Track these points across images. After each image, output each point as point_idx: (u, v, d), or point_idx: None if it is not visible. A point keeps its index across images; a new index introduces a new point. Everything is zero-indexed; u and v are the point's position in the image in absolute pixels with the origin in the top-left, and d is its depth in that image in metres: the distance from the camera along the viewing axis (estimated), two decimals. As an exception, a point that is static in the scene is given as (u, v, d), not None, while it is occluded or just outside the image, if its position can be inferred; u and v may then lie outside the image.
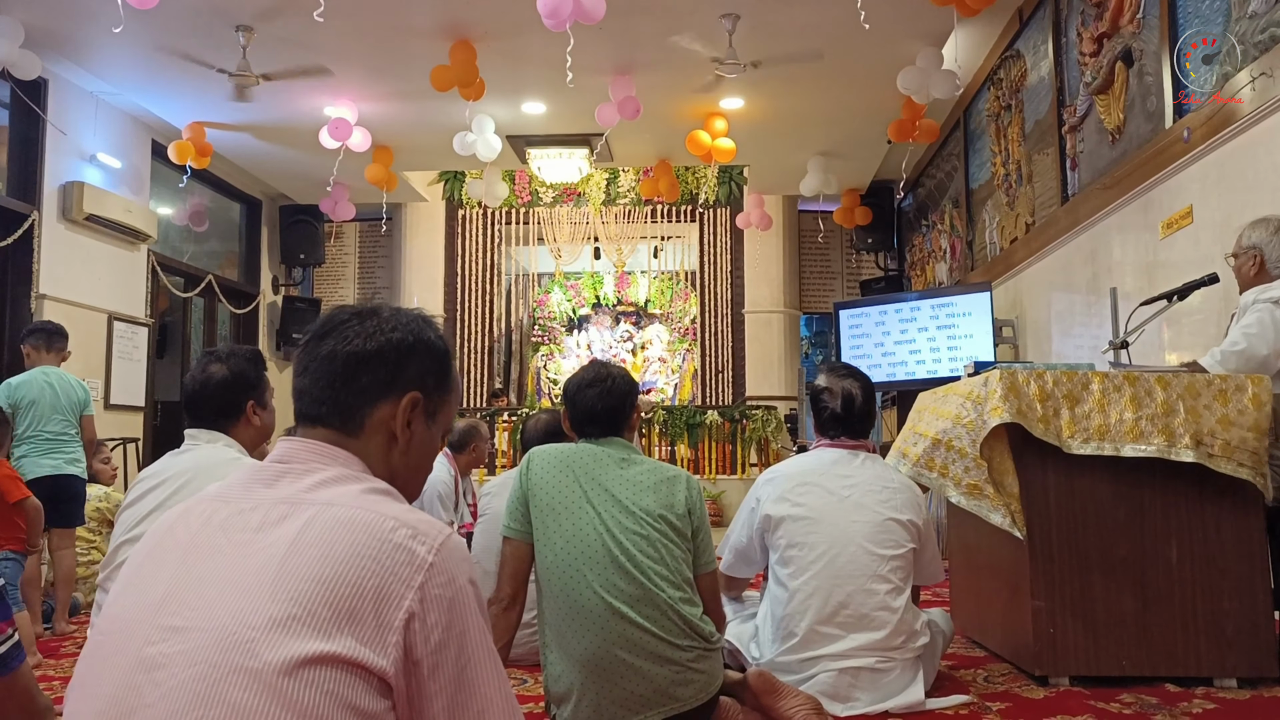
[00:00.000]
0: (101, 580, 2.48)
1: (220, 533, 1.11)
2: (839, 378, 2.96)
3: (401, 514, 1.12)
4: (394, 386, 1.25)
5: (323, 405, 1.23)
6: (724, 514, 9.68)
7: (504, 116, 8.02)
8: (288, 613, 1.01)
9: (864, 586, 2.73)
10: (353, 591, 1.03)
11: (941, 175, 9.11)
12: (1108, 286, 5.25)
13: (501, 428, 10.30)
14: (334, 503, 1.11)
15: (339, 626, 1.01)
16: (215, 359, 2.53)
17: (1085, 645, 2.99)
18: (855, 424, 2.94)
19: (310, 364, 1.25)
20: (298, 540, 1.06)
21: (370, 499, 1.14)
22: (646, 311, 13.50)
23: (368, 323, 1.26)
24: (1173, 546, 3.00)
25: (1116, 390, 2.96)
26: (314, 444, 1.20)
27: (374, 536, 1.07)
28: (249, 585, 1.04)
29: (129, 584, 1.14)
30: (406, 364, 1.26)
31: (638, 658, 2.34)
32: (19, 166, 7.03)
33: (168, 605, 1.06)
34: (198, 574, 1.08)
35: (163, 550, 1.14)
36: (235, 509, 1.13)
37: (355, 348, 1.23)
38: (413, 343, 1.27)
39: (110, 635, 1.09)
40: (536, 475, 2.49)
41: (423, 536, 1.09)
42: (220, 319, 10.02)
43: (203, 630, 1.01)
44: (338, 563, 1.04)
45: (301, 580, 1.03)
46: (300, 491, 1.14)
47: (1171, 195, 4.72)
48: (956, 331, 7.10)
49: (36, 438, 4.50)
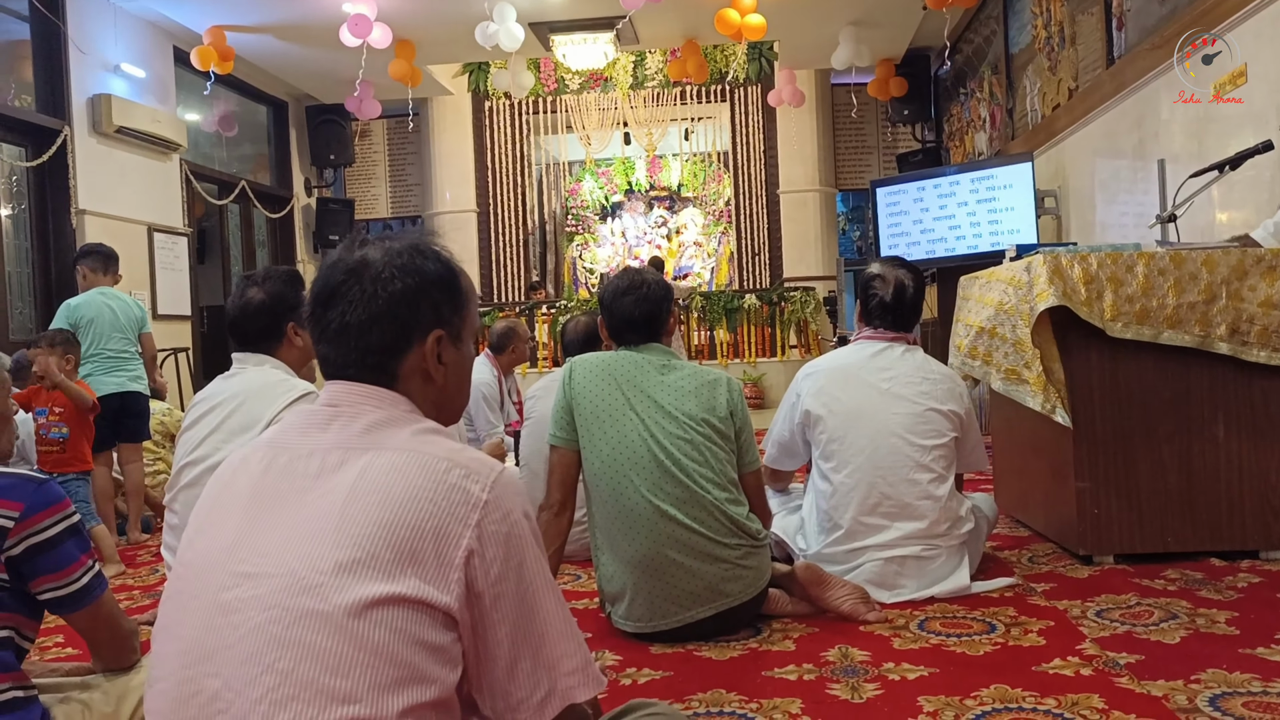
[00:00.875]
0: (168, 500, 2.57)
1: (281, 479, 1.15)
2: (892, 268, 2.94)
3: (454, 454, 1.15)
4: (414, 333, 1.24)
5: (350, 368, 1.23)
6: (764, 396, 9.76)
7: (525, 3, 7.80)
8: (352, 557, 1.05)
9: (906, 477, 2.76)
10: (413, 533, 1.07)
11: (980, 40, 8.76)
12: (1155, 153, 5.08)
13: (541, 320, 10.37)
14: (388, 447, 1.15)
15: (402, 567, 1.06)
16: (252, 283, 2.55)
17: (1129, 523, 3.01)
18: (904, 314, 2.93)
19: (324, 334, 1.24)
20: (356, 486, 1.10)
21: (422, 440, 1.17)
22: (680, 195, 13.34)
23: (365, 281, 1.22)
24: (1219, 423, 2.98)
25: (1161, 274, 2.90)
26: (360, 386, 1.22)
27: (430, 478, 1.11)
28: (314, 531, 1.08)
29: (200, 530, 1.19)
30: (418, 308, 1.24)
31: (687, 557, 2.41)
32: (46, 82, 7.00)
33: (237, 552, 1.11)
34: (264, 522, 1.12)
35: (228, 498, 1.18)
36: (293, 455, 1.17)
37: (361, 315, 1.22)
38: (416, 285, 1.24)
39: (187, 580, 1.15)
40: (579, 384, 2.52)
41: (476, 475, 1.13)
42: (256, 224, 10.07)
43: (273, 576, 1.06)
44: (396, 506, 1.08)
45: (363, 525, 1.07)
46: (354, 436, 1.17)
47: (1224, 54, 4.51)
48: (997, 204, 6.94)
49: (99, 356, 4.62)
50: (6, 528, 1.62)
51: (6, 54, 7.02)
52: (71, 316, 4.60)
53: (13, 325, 6.72)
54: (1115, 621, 2.46)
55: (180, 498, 2.49)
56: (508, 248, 11.90)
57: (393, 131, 11.69)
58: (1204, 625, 2.39)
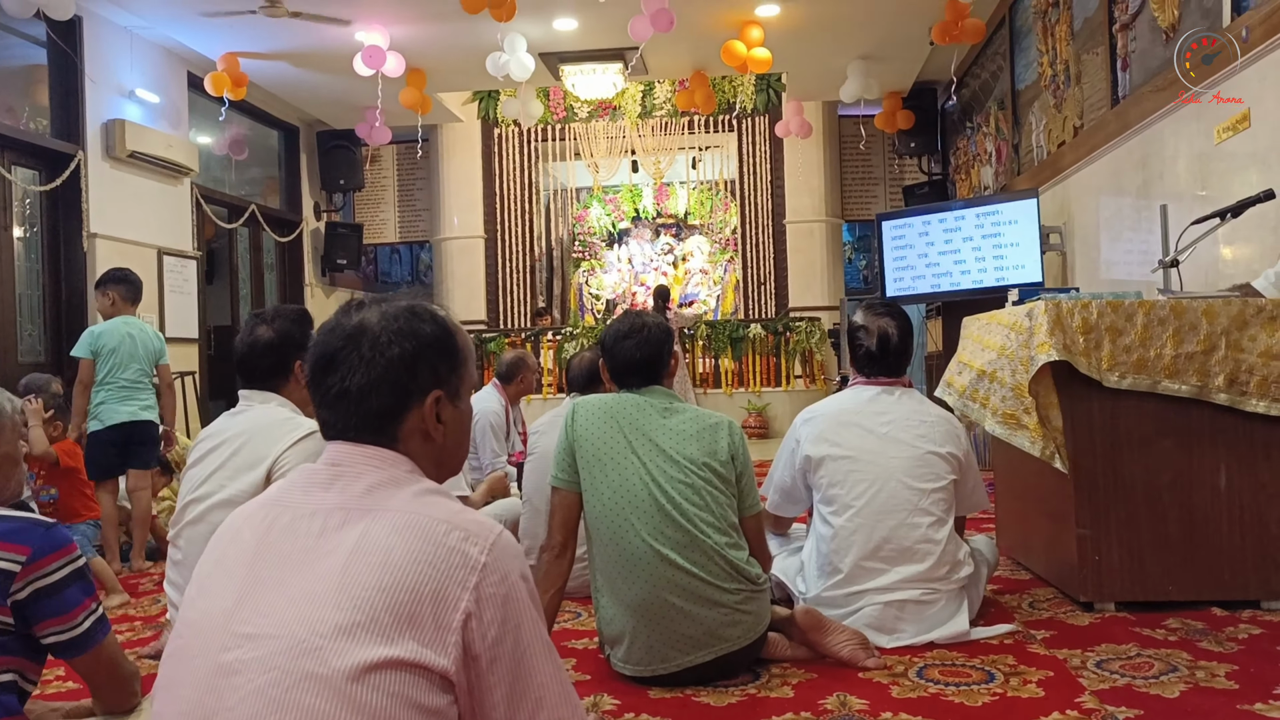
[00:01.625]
0: (172, 536, 2.59)
1: (284, 539, 1.17)
2: (876, 316, 2.96)
3: (454, 516, 1.17)
4: (413, 396, 1.27)
5: (350, 431, 1.26)
6: (769, 426, 9.76)
7: (536, 34, 7.89)
8: (352, 620, 1.07)
9: (906, 520, 2.77)
10: (412, 597, 1.09)
11: (986, 75, 8.83)
12: (1159, 193, 5.11)
13: (546, 346, 10.40)
14: (389, 508, 1.17)
15: (400, 631, 1.08)
16: (261, 321, 2.59)
17: (1130, 571, 3.02)
18: (891, 362, 2.95)
19: (324, 399, 1.28)
20: (357, 548, 1.13)
21: (422, 502, 1.19)
22: (686, 223, 13.39)
23: (363, 347, 1.25)
24: (1221, 472, 2.99)
25: (1160, 323, 2.92)
26: (362, 447, 1.25)
27: (429, 541, 1.13)
28: (315, 593, 1.10)
29: (202, 590, 1.21)
30: (416, 372, 1.27)
31: (687, 601, 2.42)
32: (61, 106, 7.08)
33: (239, 613, 1.13)
34: (265, 582, 1.14)
35: (231, 557, 1.20)
36: (296, 514, 1.19)
37: (361, 381, 1.24)
38: (413, 349, 1.27)
39: (188, 640, 1.17)
40: (582, 426, 2.54)
41: (475, 538, 1.15)
42: (265, 247, 10.13)
43: (274, 638, 1.09)
44: (396, 569, 1.10)
45: (363, 588, 1.09)
46: (355, 496, 1.19)
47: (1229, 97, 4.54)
48: (1002, 240, 6.97)
49: (114, 384, 4.66)
50: (13, 572, 1.64)
51: (23, 78, 7.11)
52: (95, 344, 4.65)
53: (22, 347, 6.76)
54: (1115, 673, 2.46)
55: (184, 534, 2.51)
56: (515, 273, 11.95)
57: (402, 157, 11.78)
58: (1204, 679, 2.38)
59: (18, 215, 6.81)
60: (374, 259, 13.00)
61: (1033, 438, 2.99)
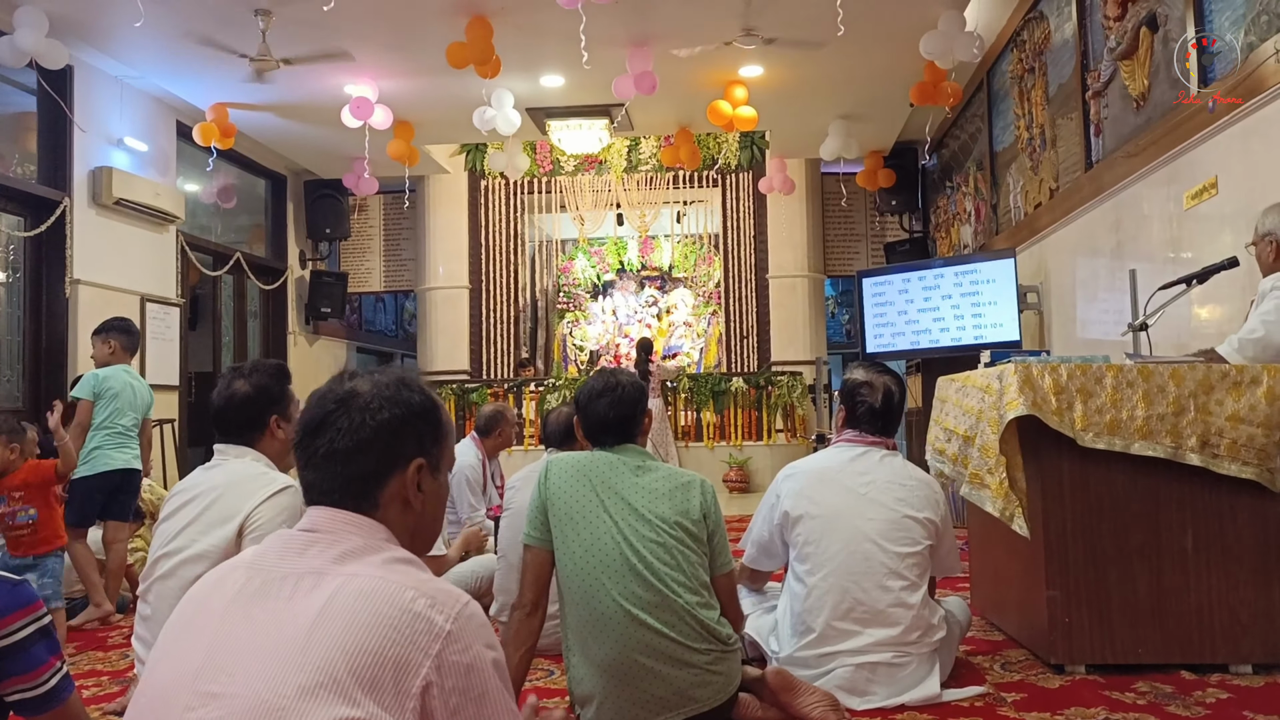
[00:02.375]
0: (142, 591, 2.58)
1: (254, 601, 1.18)
2: (878, 374, 3.00)
3: (421, 584, 1.19)
4: (396, 462, 1.31)
5: (333, 494, 1.29)
6: (750, 480, 9.76)
7: (523, 90, 8.01)
8: (315, 680, 1.08)
9: (879, 583, 2.78)
10: (374, 660, 1.10)
11: (965, 137, 9.00)
12: (1132, 255, 5.21)
13: (529, 398, 10.41)
14: (358, 574, 1.19)
15: (362, 692, 1.08)
16: (239, 375, 2.60)
17: (1101, 633, 3.03)
18: (891, 421, 2.98)
19: (310, 460, 1.31)
20: (324, 610, 1.14)
21: (392, 569, 1.21)
22: (671, 276, 13.49)
23: (353, 411, 1.30)
24: (1188, 535, 3.02)
25: (1130, 386, 2.97)
26: (341, 513, 1.28)
27: (394, 606, 1.14)
28: (280, 654, 1.11)
29: (167, 653, 1.21)
30: (402, 439, 1.31)
31: (657, 662, 2.42)
32: (49, 153, 7.12)
33: (205, 672, 1.13)
34: (233, 642, 1.15)
35: (199, 619, 1.21)
36: (267, 578, 1.21)
37: (349, 443, 1.29)
38: (401, 415, 1.32)
39: (152, 700, 1.18)
40: (555, 485, 2.55)
41: (441, 605, 1.16)
42: (250, 294, 10.15)
43: (238, 697, 1.09)
44: (360, 631, 1.11)
45: (327, 649, 1.10)
46: (328, 561, 1.21)
47: (1196, 165, 4.66)
48: (980, 298, 7.07)
49: (111, 430, 4.67)
50: (-24, 630, 1.63)
51: (12, 125, 7.15)
52: (99, 386, 4.68)
53: (0, 393, 6.73)
54: (1083, 737, 2.46)
55: (154, 589, 2.50)
56: (499, 324, 11.98)
57: (389, 206, 11.85)
58: (1170, 744, 2.39)
59: (1, 261, 6.82)
60: (358, 308, 13.03)
61: (994, 498, 3.02)
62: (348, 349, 12.38)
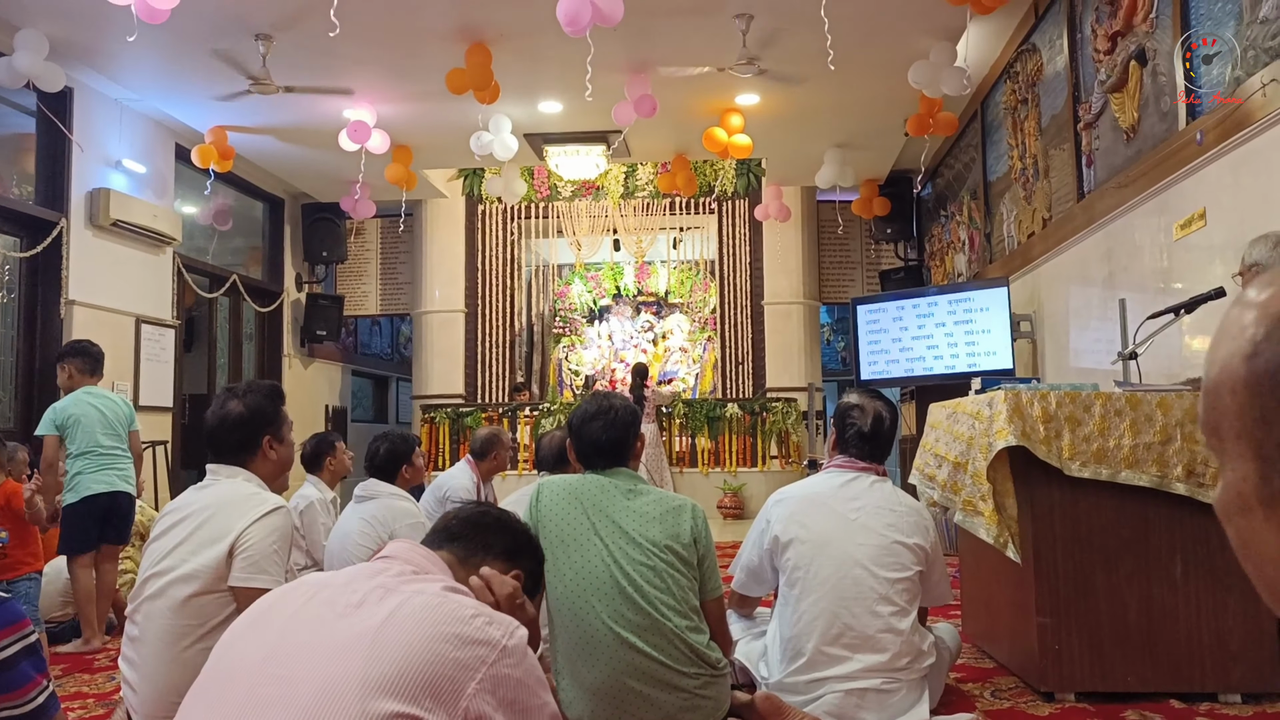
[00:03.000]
0: (130, 612, 2.56)
1: (323, 607, 1.28)
2: (871, 398, 3.01)
3: (481, 607, 1.31)
4: (513, 559, 1.56)
5: (459, 540, 1.54)
6: (744, 506, 9.76)
7: (521, 115, 8.07)
8: (380, 673, 1.16)
9: (869, 609, 2.78)
10: (433, 665, 1.19)
11: (960, 166, 9.07)
12: (1124, 285, 5.24)
13: (524, 422, 10.40)
14: (424, 591, 1.30)
15: (420, 692, 1.16)
16: (233, 395, 2.61)
17: (1090, 661, 3.03)
18: (880, 445, 2.98)
19: (463, 518, 1.59)
20: (391, 616, 1.23)
21: (454, 594, 1.33)
22: (667, 302, 13.53)
23: (514, 523, 1.65)
24: (1177, 563, 3.03)
25: (1117, 414, 2.99)
26: (425, 550, 1.44)
27: (457, 619, 1.24)
28: (346, 649, 1.20)
29: (231, 645, 1.30)
30: (522, 552, 1.59)
31: (646, 685, 2.42)
32: (47, 175, 7.16)
33: (273, 659, 1.22)
34: (301, 635, 1.24)
35: (267, 620, 1.31)
36: (335, 589, 1.31)
37: (506, 540, 1.59)
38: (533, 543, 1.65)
39: (218, 680, 1.26)
40: (546, 507, 2.56)
41: (498, 624, 1.27)
42: (245, 317, 10.17)
43: (303, 682, 1.17)
44: (423, 637, 1.21)
45: (391, 650, 1.19)
46: (395, 579, 1.32)
47: (1186, 197, 4.70)
48: (974, 327, 7.10)
49: (90, 454, 4.56)
50: (-37, 647, 1.64)
51: (11, 146, 7.19)
52: (59, 419, 4.56)
53: (-7, 413, 6.73)
54: (1072, 765, 2.46)
55: (142, 609, 2.49)
56: (494, 348, 11.99)
57: (386, 230, 11.89)
58: (1159, 772, 2.39)
59: (-4, 281, 6.84)
60: (354, 331, 13.04)
61: (988, 525, 3.03)
62: (343, 372, 12.38)
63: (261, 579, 2.36)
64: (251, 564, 2.39)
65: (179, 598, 2.41)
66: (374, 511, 3.81)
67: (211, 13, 6.16)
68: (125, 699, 2.46)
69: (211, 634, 2.34)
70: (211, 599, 2.40)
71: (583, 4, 5.40)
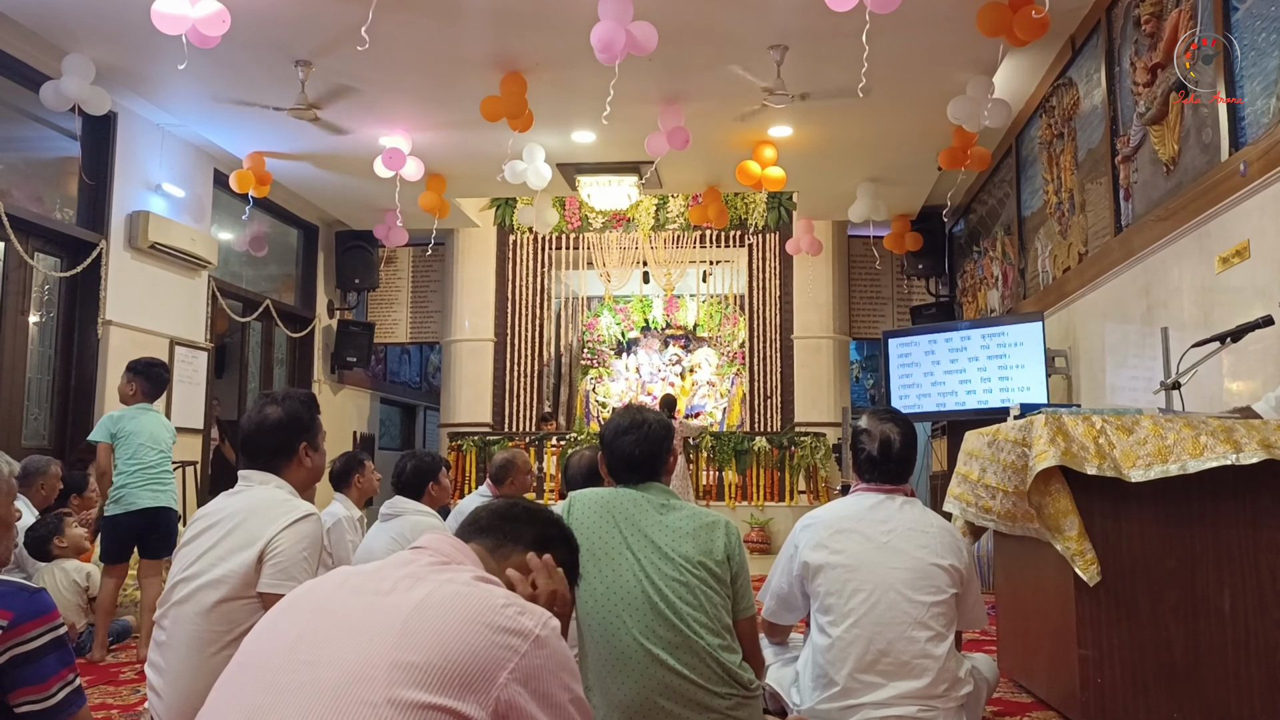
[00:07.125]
0: (158, 616, 2.55)
1: (353, 594, 1.27)
2: (879, 421, 2.95)
3: (512, 596, 1.29)
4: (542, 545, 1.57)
5: (489, 532, 1.54)
6: (771, 541, 9.65)
7: (554, 145, 8.13)
8: (408, 660, 1.15)
9: (905, 634, 2.71)
10: (465, 653, 1.17)
11: (993, 202, 9.03)
12: (1163, 320, 5.17)
13: (550, 452, 10.38)
14: (454, 580, 1.28)
15: (449, 680, 1.15)
16: (271, 400, 2.61)
17: (1134, 697, 2.94)
18: (892, 468, 2.92)
19: (492, 510, 1.59)
20: (422, 603, 1.22)
21: (485, 584, 1.32)
22: (695, 335, 13.52)
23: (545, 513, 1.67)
24: (1225, 596, 2.94)
25: (1169, 422, 2.92)
26: (455, 540, 1.44)
27: (489, 607, 1.23)
28: (375, 634, 1.18)
29: (263, 631, 1.30)
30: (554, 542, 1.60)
31: (677, 705, 2.36)
32: (89, 197, 7.27)
33: (301, 643, 1.21)
34: (330, 620, 1.23)
35: (296, 608, 1.31)
36: (366, 576, 1.31)
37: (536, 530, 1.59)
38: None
39: (246, 667, 1.25)
40: (578, 520, 2.52)
41: (530, 614, 1.26)
42: (277, 342, 10.25)
43: (331, 666, 1.16)
44: (455, 625, 1.19)
45: (423, 635, 1.17)
46: (425, 568, 1.31)
47: (1228, 229, 4.64)
48: (1008, 362, 7.02)
49: (136, 469, 4.68)
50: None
51: (54, 169, 7.32)
52: (114, 427, 4.71)
53: (26, 431, 6.78)
54: (1117, 799, 2.37)
55: (170, 614, 2.47)
56: (522, 378, 11.99)
57: (418, 258, 11.98)
58: (1209, 809, 2.30)
59: (36, 301, 6.92)
60: (384, 358, 13.10)
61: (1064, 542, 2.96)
62: (371, 399, 12.43)
63: (290, 585, 2.33)
64: (281, 570, 2.37)
65: (207, 603, 2.39)
66: (400, 529, 3.79)
67: (255, 40, 6.26)
68: (151, 706, 2.44)
69: (239, 640, 2.31)
70: (240, 605, 2.37)
71: (617, 30, 5.44)
